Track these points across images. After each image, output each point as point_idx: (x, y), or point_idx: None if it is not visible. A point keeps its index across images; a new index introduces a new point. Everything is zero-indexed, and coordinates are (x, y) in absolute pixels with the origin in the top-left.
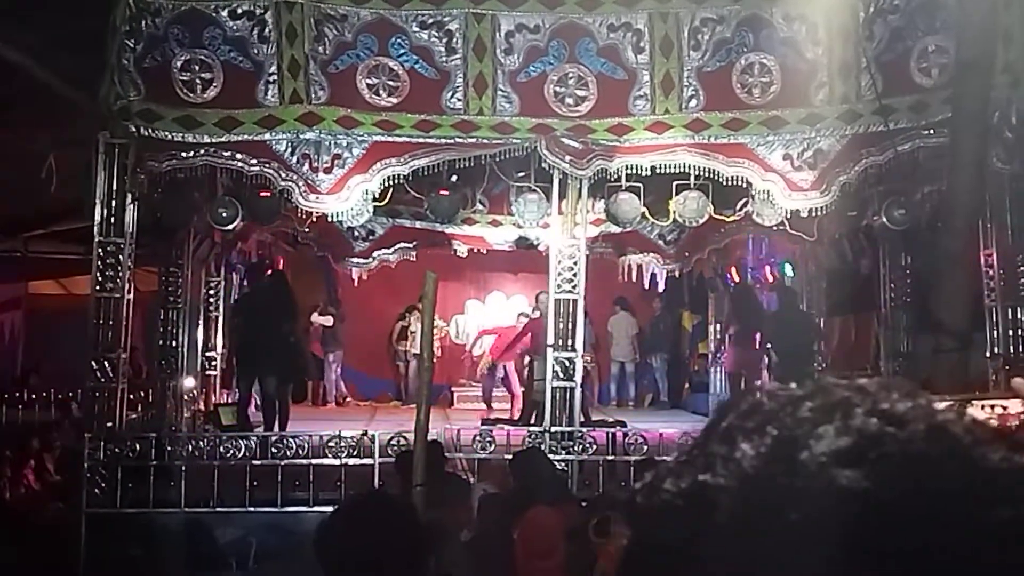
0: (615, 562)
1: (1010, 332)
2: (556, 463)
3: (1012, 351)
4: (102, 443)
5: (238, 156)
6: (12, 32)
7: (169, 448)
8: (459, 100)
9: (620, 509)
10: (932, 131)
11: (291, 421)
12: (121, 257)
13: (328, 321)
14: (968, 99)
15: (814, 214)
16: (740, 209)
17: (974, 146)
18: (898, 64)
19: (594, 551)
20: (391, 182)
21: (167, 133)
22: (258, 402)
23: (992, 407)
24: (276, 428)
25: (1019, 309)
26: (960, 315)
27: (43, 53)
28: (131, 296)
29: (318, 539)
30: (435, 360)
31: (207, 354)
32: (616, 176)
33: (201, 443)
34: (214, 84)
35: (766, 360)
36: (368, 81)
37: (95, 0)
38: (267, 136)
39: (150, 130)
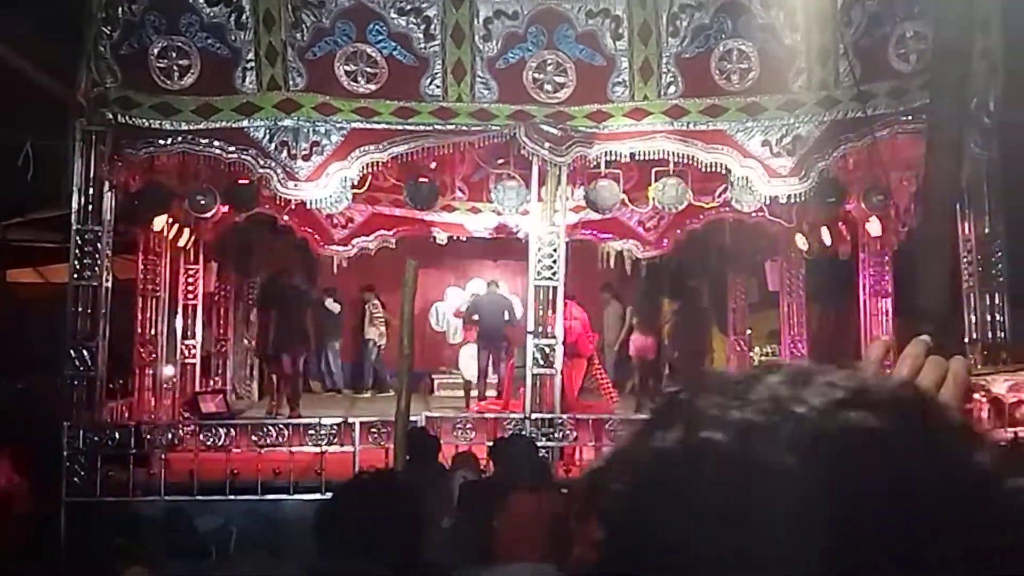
0: (594, 548)
1: (987, 317)
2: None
3: (989, 336)
4: (81, 432)
5: (216, 143)
6: None
7: (148, 436)
8: (438, 87)
9: (592, 496)
10: (910, 117)
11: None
12: (99, 245)
13: (336, 308)
14: (945, 85)
15: (792, 200)
16: (719, 195)
17: (951, 132)
18: (876, 50)
19: (575, 537)
20: (370, 169)
21: (144, 120)
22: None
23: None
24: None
25: (996, 295)
26: (938, 301)
27: (19, 41)
28: (109, 284)
29: (325, 516)
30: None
31: (186, 342)
32: (595, 163)
33: (180, 431)
34: (191, 71)
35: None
36: (346, 68)
37: None
38: (245, 123)
39: (127, 117)
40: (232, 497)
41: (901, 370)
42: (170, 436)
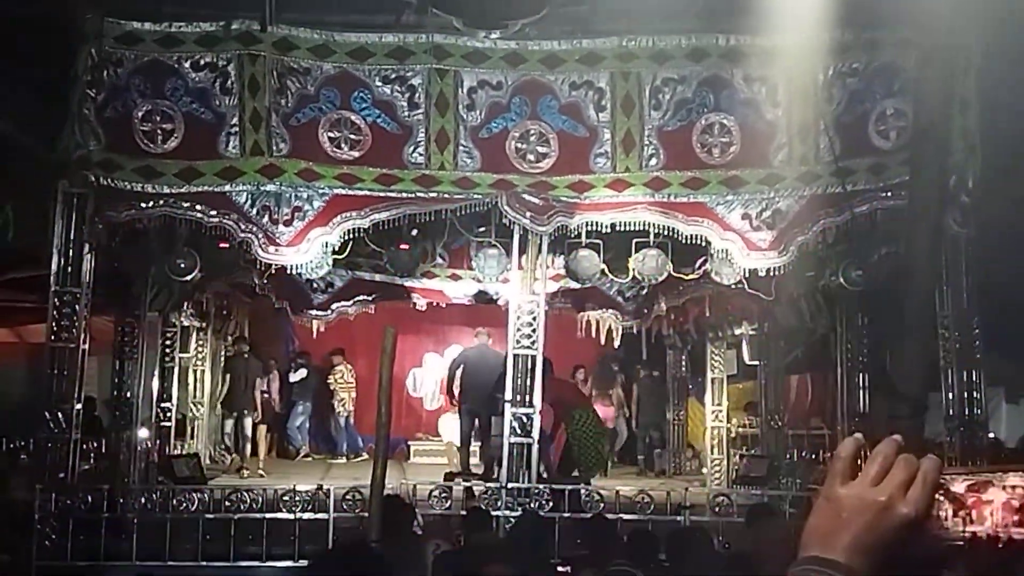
0: None
1: (965, 395)
2: (511, 519)
3: (967, 413)
4: (53, 495)
5: (198, 207)
6: None
7: (121, 500)
8: (421, 155)
9: None
10: (890, 193)
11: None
12: (77, 307)
13: (301, 375)
14: (925, 163)
15: (772, 274)
16: (699, 267)
17: (931, 210)
18: (857, 126)
19: None
20: (351, 235)
21: (126, 183)
22: None
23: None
24: None
25: (974, 372)
26: (914, 382)
27: (1, 101)
28: (86, 346)
29: None
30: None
31: (162, 405)
32: (576, 232)
33: (154, 496)
34: (175, 135)
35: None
36: (330, 134)
37: (55, 50)
38: (227, 187)
39: (109, 180)
40: (204, 563)
41: (871, 468)
42: (143, 500)
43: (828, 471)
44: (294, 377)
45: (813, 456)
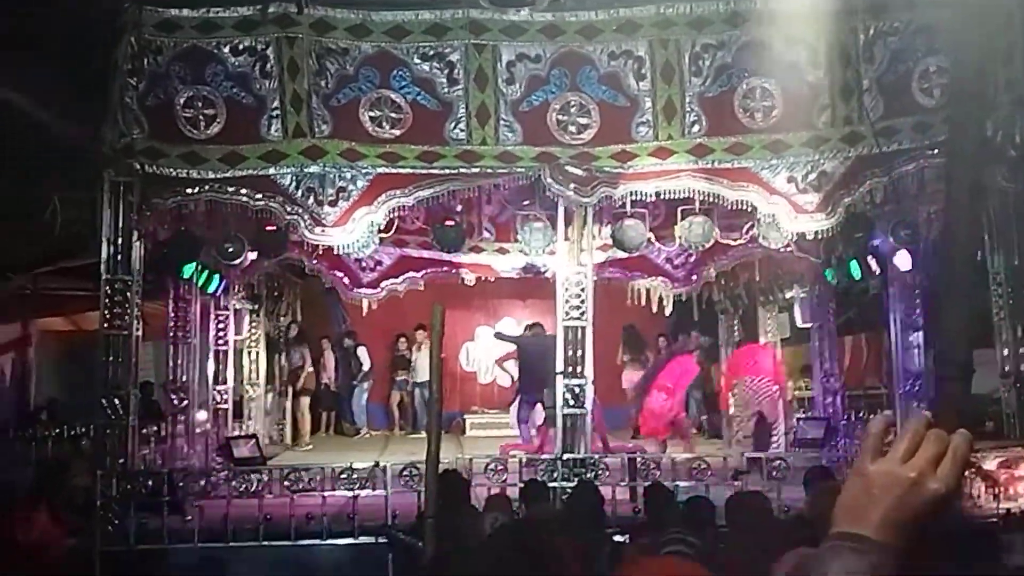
0: None
1: (1020, 350)
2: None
3: (1021, 368)
4: (114, 480)
5: (243, 191)
6: (14, 74)
7: (181, 484)
8: (462, 131)
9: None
10: (935, 151)
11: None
12: (128, 294)
13: (363, 352)
14: (965, 119)
15: (820, 236)
16: (746, 232)
17: (971, 165)
18: (900, 85)
19: None
20: (396, 213)
21: (171, 170)
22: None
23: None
24: None
25: None
26: (960, 343)
27: (46, 94)
28: (140, 333)
29: None
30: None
31: (218, 387)
32: (621, 202)
33: (213, 478)
34: (217, 120)
35: None
36: (371, 114)
37: (96, 40)
38: (271, 170)
39: (154, 167)
40: (265, 543)
41: (901, 444)
42: (203, 483)
43: (860, 447)
44: (362, 356)
45: (870, 416)
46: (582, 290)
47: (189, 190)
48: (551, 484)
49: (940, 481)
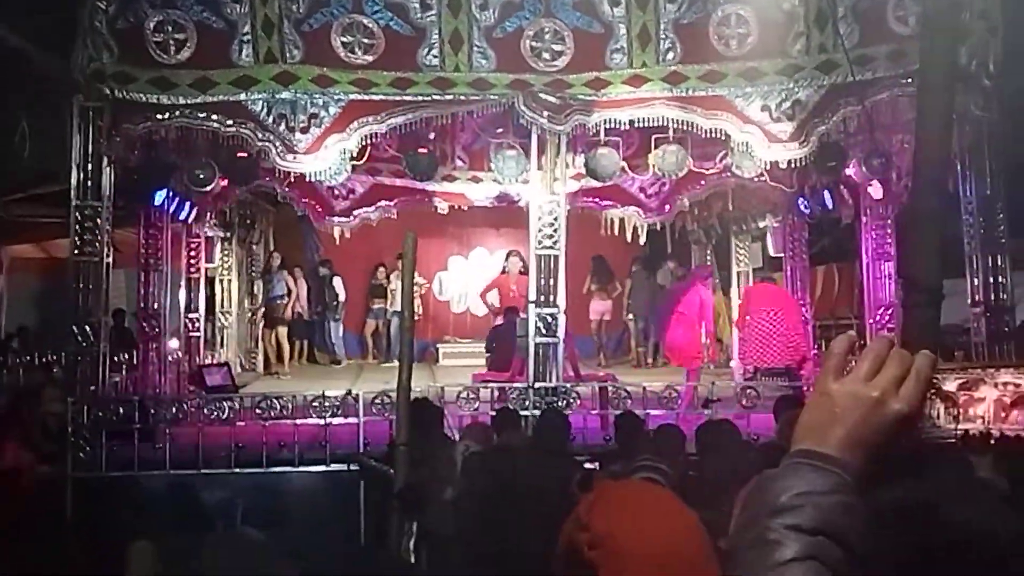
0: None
1: (989, 280)
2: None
3: (992, 298)
4: (86, 407)
5: (214, 117)
6: None
7: (153, 411)
8: (435, 57)
9: None
10: (909, 79)
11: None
12: (99, 221)
13: (338, 282)
14: (935, 48)
15: (793, 165)
16: (719, 161)
17: (941, 98)
18: (875, 13)
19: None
20: (369, 140)
21: (141, 95)
22: None
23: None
24: None
25: (999, 256)
26: (930, 271)
27: (15, 18)
28: (111, 260)
29: None
30: (417, 317)
31: (190, 316)
32: (595, 130)
33: (185, 405)
34: (188, 45)
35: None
36: (343, 39)
37: None
38: (242, 96)
39: (124, 92)
40: (237, 470)
41: (864, 364)
42: (175, 410)
43: (822, 367)
44: (337, 286)
45: None
46: (555, 219)
47: (159, 116)
48: (523, 412)
49: (903, 401)
